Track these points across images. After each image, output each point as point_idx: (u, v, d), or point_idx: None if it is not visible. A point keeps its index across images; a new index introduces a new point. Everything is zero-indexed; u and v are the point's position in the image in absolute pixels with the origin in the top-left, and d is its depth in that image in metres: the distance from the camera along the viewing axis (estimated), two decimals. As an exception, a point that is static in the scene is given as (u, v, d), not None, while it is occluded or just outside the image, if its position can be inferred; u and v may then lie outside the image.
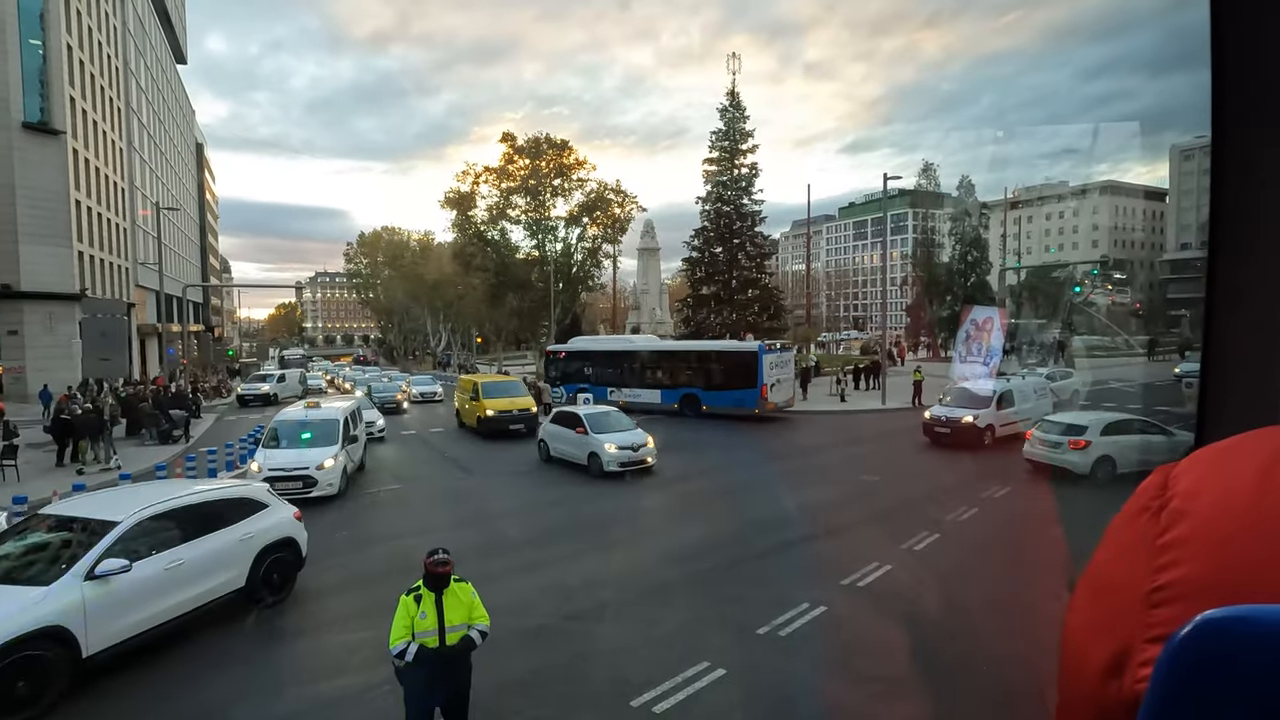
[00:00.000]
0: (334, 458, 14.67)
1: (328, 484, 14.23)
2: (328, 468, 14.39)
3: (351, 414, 17.08)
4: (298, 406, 17.78)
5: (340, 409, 16.81)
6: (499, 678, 6.83)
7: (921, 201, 61.76)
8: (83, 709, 6.47)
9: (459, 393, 25.53)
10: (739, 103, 41.62)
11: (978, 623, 8.30)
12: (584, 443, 16.84)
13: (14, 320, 35.95)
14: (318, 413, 16.49)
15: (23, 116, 36.83)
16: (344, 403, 18.53)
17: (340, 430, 15.48)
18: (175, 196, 66.69)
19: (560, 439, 17.86)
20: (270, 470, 13.90)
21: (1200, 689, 0.44)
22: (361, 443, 17.60)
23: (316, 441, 15.07)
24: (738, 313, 40.21)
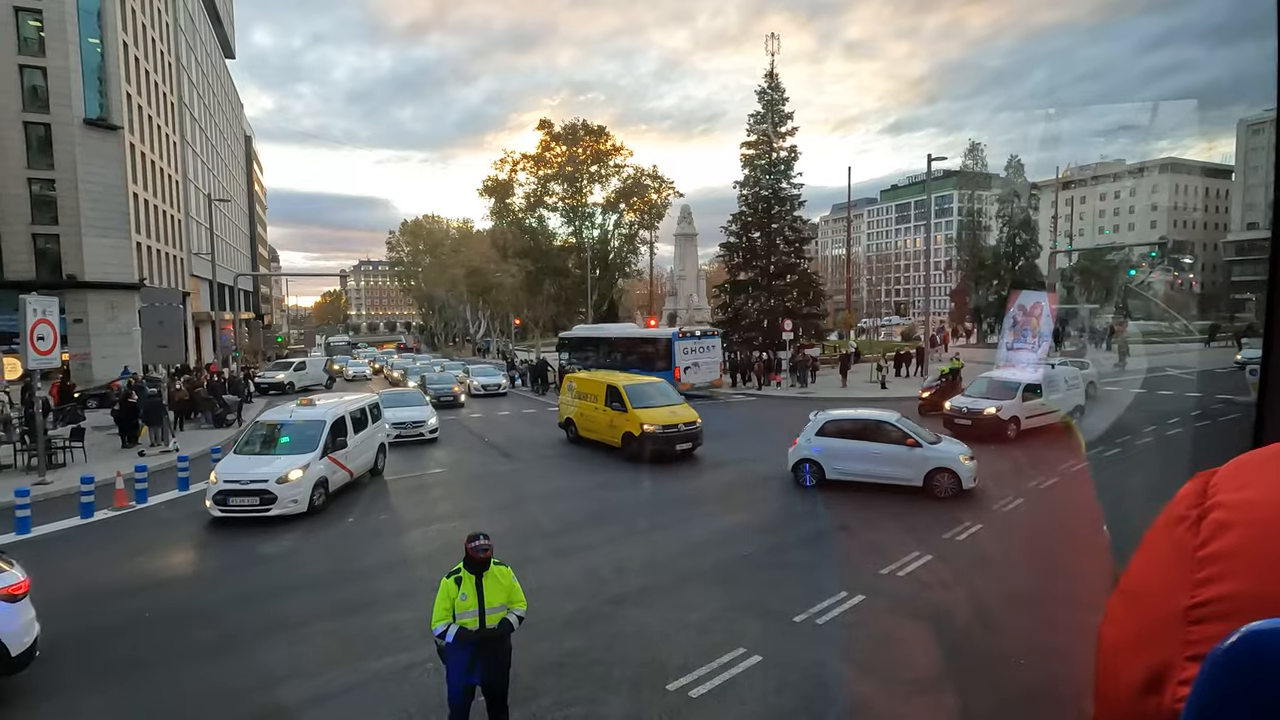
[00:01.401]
0: (302, 469, 12.37)
1: (290, 500, 11.94)
2: (292, 480, 12.10)
3: (354, 414, 14.77)
4: (291, 404, 15.55)
5: (334, 408, 14.39)
6: (538, 659, 6.99)
7: (967, 183, 59.75)
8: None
9: (570, 395, 19.44)
10: (777, 84, 40.86)
11: (1018, 616, 8.14)
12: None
13: (79, 309, 37.67)
14: (304, 412, 14.13)
15: (83, 113, 38.37)
16: (348, 399, 16.02)
17: (323, 435, 13.18)
18: (226, 188, 68.82)
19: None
20: (224, 482, 11.96)
21: (1244, 705, 0.41)
22: (373, 448, 15.47)
23: (292, 447, 12.99)
24: (776, 299, 39.72)
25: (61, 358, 17.51)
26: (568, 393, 19.72)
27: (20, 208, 37.38)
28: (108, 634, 8.10)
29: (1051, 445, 17.41)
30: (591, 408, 18.22)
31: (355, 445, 14.35)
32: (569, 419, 19.32)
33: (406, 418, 20.05)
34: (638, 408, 16.69)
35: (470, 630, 5.20)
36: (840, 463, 13.50)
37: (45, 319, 15.32)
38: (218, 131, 70.00)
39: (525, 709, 6.07)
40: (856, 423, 14.15)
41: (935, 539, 10.57)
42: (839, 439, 13.70)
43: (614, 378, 19.08)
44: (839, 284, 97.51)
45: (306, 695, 6.56)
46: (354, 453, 14.30)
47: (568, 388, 19.96)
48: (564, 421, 19.64)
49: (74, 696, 6.70)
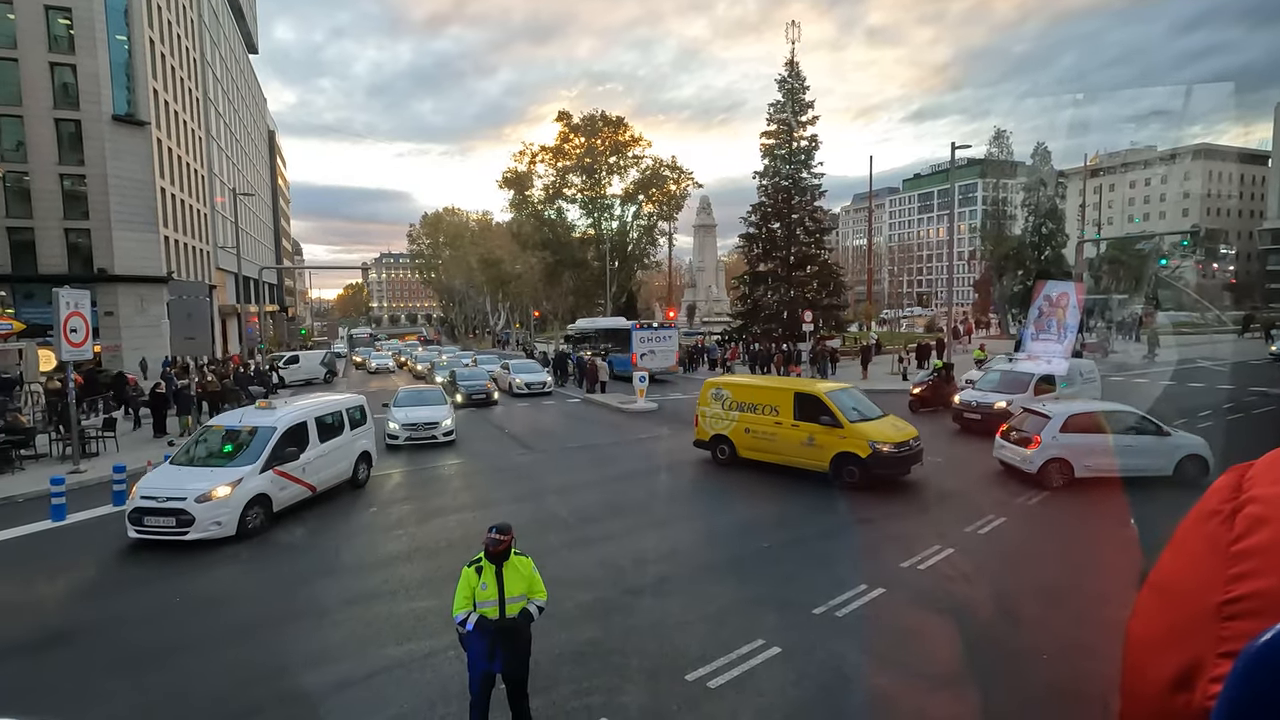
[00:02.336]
0: (231, 485, 10.81)
1: (211, 523, 10.47)
2: (217, 499, 10.60)
3: (322, 419, 13.05)
4: (250, 407, 14.04)
5: (294, 412, 12.66)
6: (557, 648, 7.05)
7: (992, 171, 58.68)
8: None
9: (720, 406, 15.37)
10: (798, 73, 40.38)
11: (1041, 610, 8.04)
12: None
13: (109, 302, 38.51)
14: (255, 417, 12.48)
15: (112, 109, 39.08)
16: (322, 400, 14.42)
17: (269, 445, 11.52)
18: (250, 182, 69.77)
19: None
20: (140, 499, 10.61)
21: (1278, 703, 0.40)
22: (349, 457, 13.79)
23: (232, 458, 11.52)
24: (796, 290, 39.43)
25: (93, 350, 17.93)
26: (715, 402, 15.42)
27: (52, 203, 38.26)
28: (136, 621, 8.31)
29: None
30: (768, 422, 14.45)
31: (319, 455, 12.61)
32: (720, 435, 15.30)
33: (418, 418, 18.34)
34: (856, 422, 13.43)
35: (490, 619, 5.26)
36: (1092, 459, 12.68)
37: (78, 311, 15.68)
38: (242, 126, 70.92)
39: (545, 697, 6.13)
40: (1100, 415, 13.34)
41: (957, 532, 10.46)
42: (1086, 434, 12.82)
43: (802, 384, 15.65)
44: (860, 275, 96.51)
45: (331, 680, 6.68)
46: (318, 464, 12.58)
47: (714, 396, 15.49)
48: (711, 439, 15.49)
49: (102, 680, 6.89)
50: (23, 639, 7.80)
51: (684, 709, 6.07)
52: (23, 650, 7.55)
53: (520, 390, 28.62)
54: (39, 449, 17.06)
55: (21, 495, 13.70)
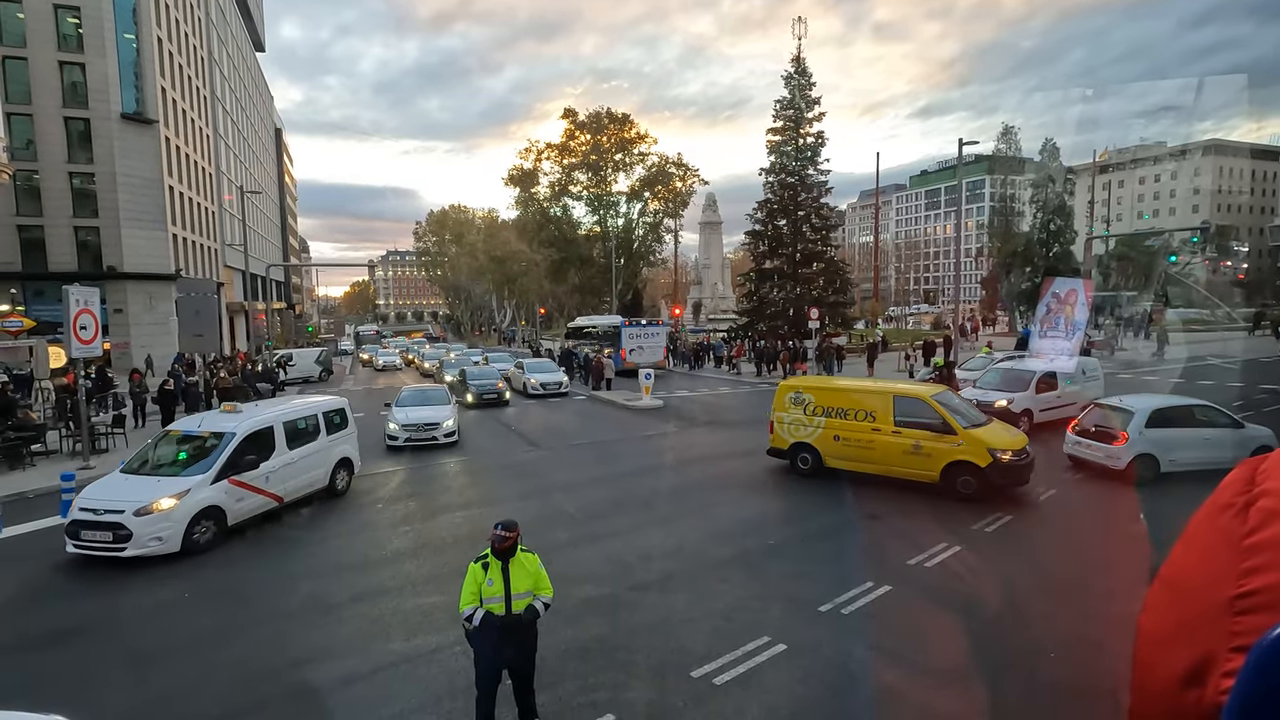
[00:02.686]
0: (176, 497, 9.99)
1: (151, 539, 9.65)
2: (159, 511, 9.76)
3: (293, 424, 12.23)
4: (214, 411, 13.39)
5: (258, 416, 11.91)
6: (563, 644, 7.06)
7: (1000, 167, 58.32)
8: (188, 656, 7.04)
9: (802, 411, 13.90)
10: (804, 69, 40.24)
11: (1050, 607, 8.01)
12: None
13: (119, 299, 38.77)
14: (215, 421, 11.77)
15: (120, 108, 39.28)
16: (295, 404, 13.63)
17: (224, 453, 10.75)
18: (257, 180, 70.03)
19: None
20: (79, 511, 9.86)
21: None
22: (324, 464, 12.91)
23: (184, 467, 10.76)
24: (802, 287, 39.35)
25: (103, 347, 18.04)
26: (794, 407, 13.95)
27: (62, 201, 38.52)
28: (146, 614, 8.37)
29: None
30: (863, 429, 13.02)
31: (288, 463, 11.80)
32: (802, 444, 13.84)
33: (418, 419, 17.80)
34: (970, 428, 12.23)
35: (496, 615, 5.28)
36: (1178, 453, 12.42)
37: (87, 309, 15.77)
38: (249, 124, 71.18)
39: (551, 693, 6.14)
40: (1181, 409, 13.16)
41: (965, 529, 10.43)
42: (1170, 429, 12.61)
43: (901, 387, 14.03)
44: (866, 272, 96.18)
45: (338, 675, 6.71)
46: (286, 472, 11.75)
47: (793, 400, 14.02)
48: (790, 448, 14.05)
49: (111, 674, 6.94)
50: (32, 633, 7.87)
51: (690, 705, 6.07)
52: (32, 644, 7.61)
53: (535, 391, 27.35)
54: (49, 445, 17.20)
55: (32, 491, 13.82)
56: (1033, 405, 17.41)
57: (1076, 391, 18.22)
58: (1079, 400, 18.04)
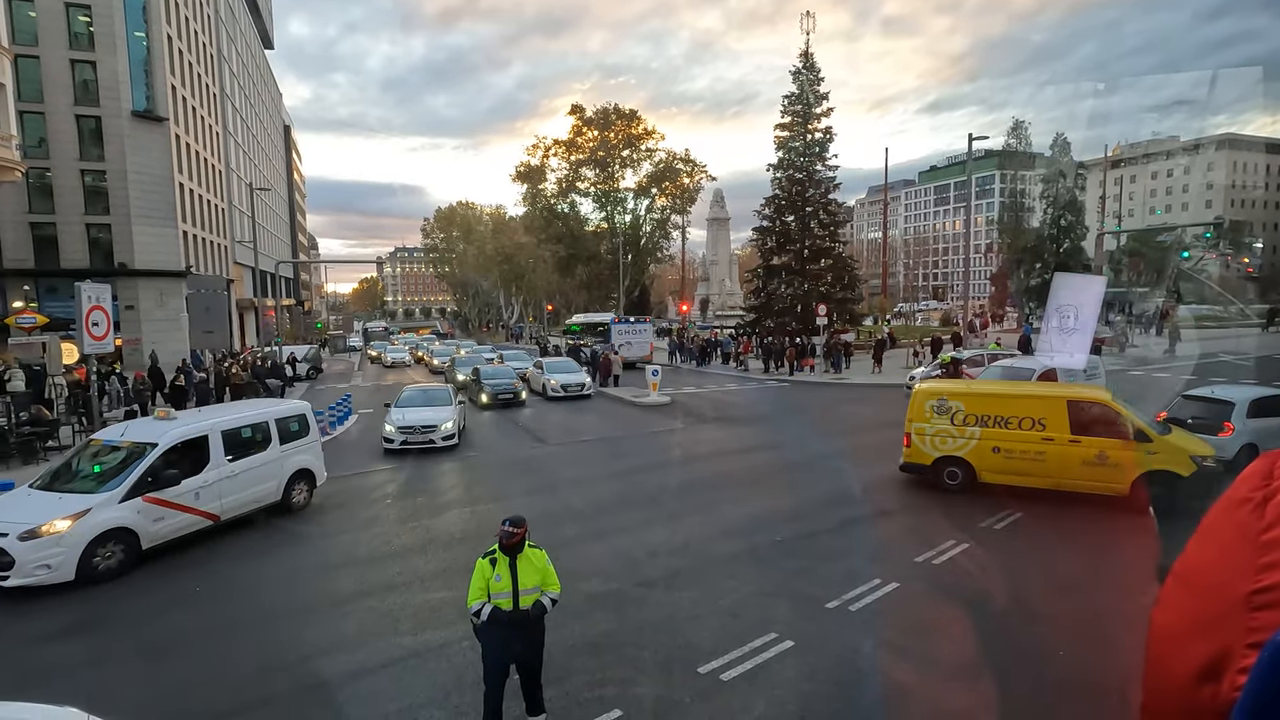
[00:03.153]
0: (72, 518, 8.96)
1: (38, 565, 8.66)
2: (47, 536, 8.76)
3: (234, 433, 11.16)
4: (148, 418, 12.23)
5: (190, 425, 10.83)
6: (571, 639, 7.09)
7: (1010, 163, 57.89)
8: (199, 650, 7.10)
9: (947, 419, 12.41)
10: (812, 64, 40.04)
11: (1059, 604, 7.97)
12: None
13: (130, 296, 39.04)
14: (139, 430, 10.71)
15: (131, 105, 39.52)
16: (240, 410, 12.76)
17: (140, 469, 9.67)
18: (266, 177, 70.38)
19: None
20: None
21: None
22: (275, 477, 11.75)
23: (95, 482, 9.73)
24: (809, 283, 39.21)
25: (115, 343, 18.19)
26: (938, 416, 12.47)
27: (74, 198, 38.81)
28: (158, 608, 8.45)
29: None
30: (1031, 439, 11.74)
31: (226, 477, 10.74)
32: (950, 458, 12.35)
33: (416, 420, 17.00)
34: (1176, 434, 11.17)
35: (504, 610, 5.30)
36: (1274, 441, 11.82)
37: (99, 305, 15.91)
38: (258, 121, 71.49)
39: (558, 688, 6.17)
40: (1275, 398, 12.83)
41: (974, 526, 10.39)
42: (1269, 418, 12.19)
43: (1072, 390, 12.81)
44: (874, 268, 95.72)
45: (348, 669, 6.76)
46: (224, 487, 10.68)
47: (936, 408, 12.51)
48: (934, 463, 12.48)
49: (124, 667, 7.02)
50: (47, 625, 7.96)
51: (697, 701, 6.08)
52: (46, 636, 7.70)
53: (555, 394, 25.60)
54: (62, 440, 17.37)
55: (46, 485, 13.94)
56: None
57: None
58: None
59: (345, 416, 22.13)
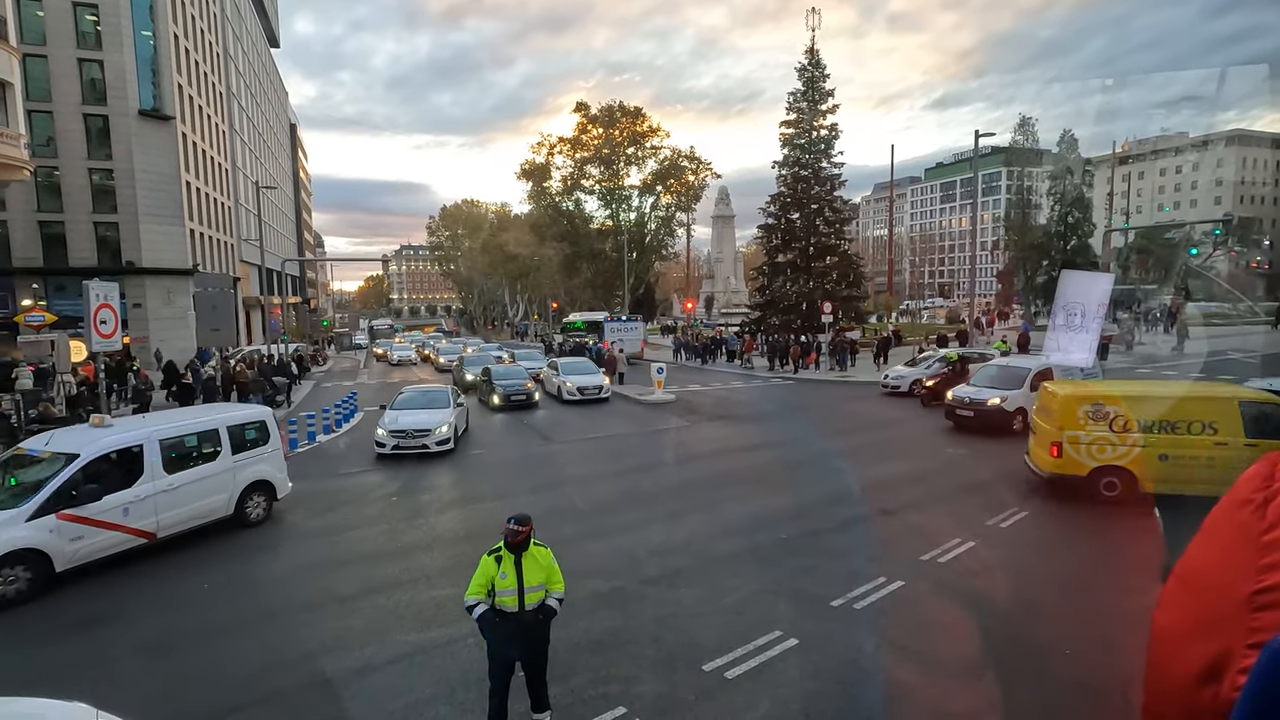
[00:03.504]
0: None
1: None
2: None
3: (174, 443, 10.32)
4: (81, 426, 11.27)
5: (119, 434, 9.92)
6: (575, 637, 7.10)
7: (1017, 159, 57.59)
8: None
9: (1107, 427, 11.42)
10: (818, 61, 39.94)
11: (1064, 604, 7.94)
12: None
13: (137, 294, 39.27)
14: (67, 439, 9.93)
15: (138, 104, 39.70)
16: (181, 417, 11.88)
17: (56, 483, 8.84)
18: (272, 175, 70.59)
19: None
20: None
21: None
22: (223, 490, 10.84)
23: (17, 497, 8.89)
24: (815, 281, 39.13)
25: (123, 341, 18.31)
26: (1094, 422, 11.52)
27: (82, 197, 39.03)
28: (164, 606, 8.51)
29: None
30: (1203, 445, 10.91)
31: (164, 490, 9.93)
32: (1108, 467, 11.40)
33: (409, 424, 16.11)
34: None
35: (510, 608, 5.32)
36: None
37: (107, 304, 15.97)
38: (264, 119, 71.69)
39: (562, 685, 6.19)
40: None
41: (979, 525, 10.36)
42: None
43: (1249, 391, 12.24)
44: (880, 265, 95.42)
45: (353, 666, 6.79)
46: (159, 501, 9.85)
47: (1091, 414, 11.54)
48: (1090, 474, 11.47)
49: (130, 663, 7.07)
50: (55, 622, 8.02)
51: (701, 699, 6.09)
52: (56, 632, 7.77)
53: (571, 396, 24.22)
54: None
55: (55, 483, 14.03)
56: (1026, 404, 16.26)
57: None
58: None
59: (351, 414, 22.24)
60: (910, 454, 15.56)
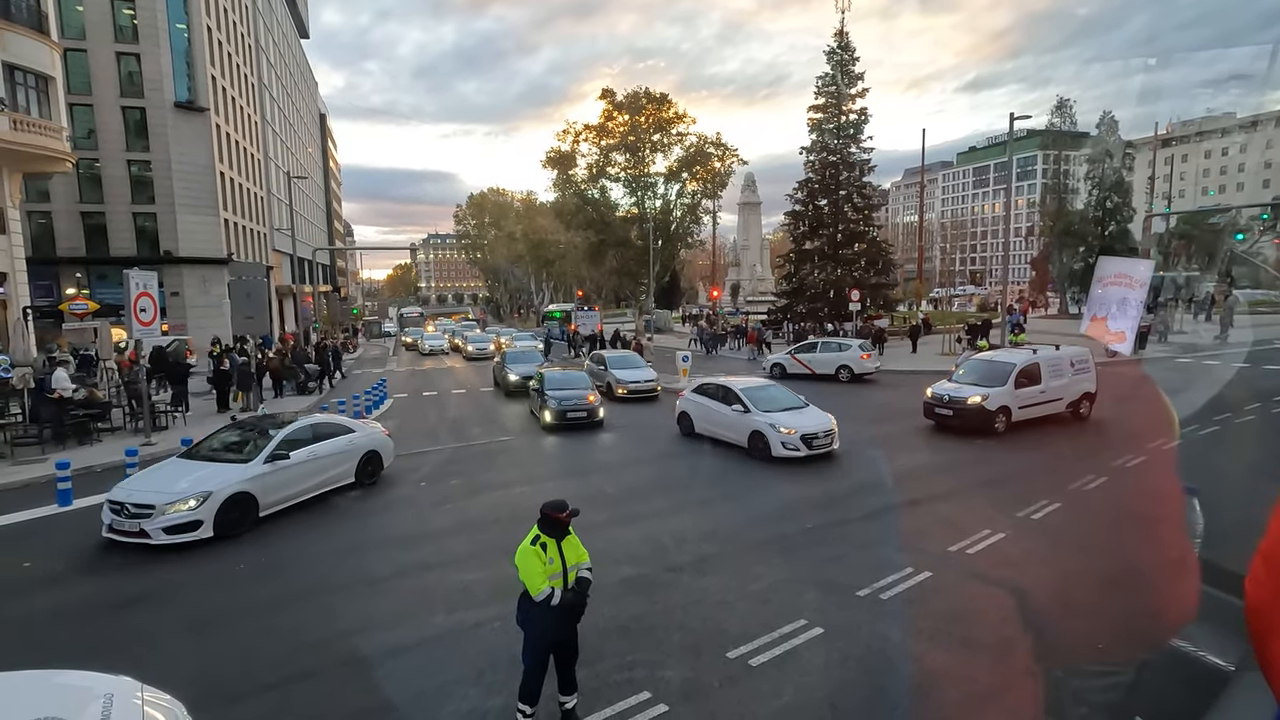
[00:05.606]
0: None
1: None
2: None
3: None
4: None
5: None
6: (602, 622, 7.17)
7: (1053, 143, 55.91)
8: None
9: None
10: (847, 43, 39.16)
11: (1096, 597, 7.79)
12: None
13: (175, 283, 40.24)
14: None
15: (174, 97, 40.51)
16: None
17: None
18: (303, 165, 71.59)
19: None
20: None
21: None
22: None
23: None
24: (842, 268, 38.61)
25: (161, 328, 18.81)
26: None
27: (121, 188, 40.05)
28: (201, 585, 8.77)
29: (1128, 422, 16.40)
30: None
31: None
32: None
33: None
34: None
35: (561, 591, 5.44)
36: None
37: (146, 292, 16.43)
38: (295, 110, 72.66)
39: (589, 669, 6.25)
40: None
41: (1009, 516, 10.20)
42: None
43: None
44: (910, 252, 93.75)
45: (384, 647, 6.95)
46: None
47: None
48: None
49: (168, 641, 7.31)
50: (100, 599, 8.33)
51: (725, 685, 6.12)
52: (100, 609, 8.07)
53: (627, 393, 22.14)
54: (114, 422, 18.07)
55: (100, 465, 14.55)
56: (1010, 402, 15.64)
57: (1064, 385, 16.42)
58: (1065, 396, 16.42)
59: (380, 401, 22.68)
60: (938, 445, 15.33)
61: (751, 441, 14.38)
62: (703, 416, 16.04)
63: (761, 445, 14.10)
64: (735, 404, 15.06)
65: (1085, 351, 17.26)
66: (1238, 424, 15.73)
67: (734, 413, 14.99)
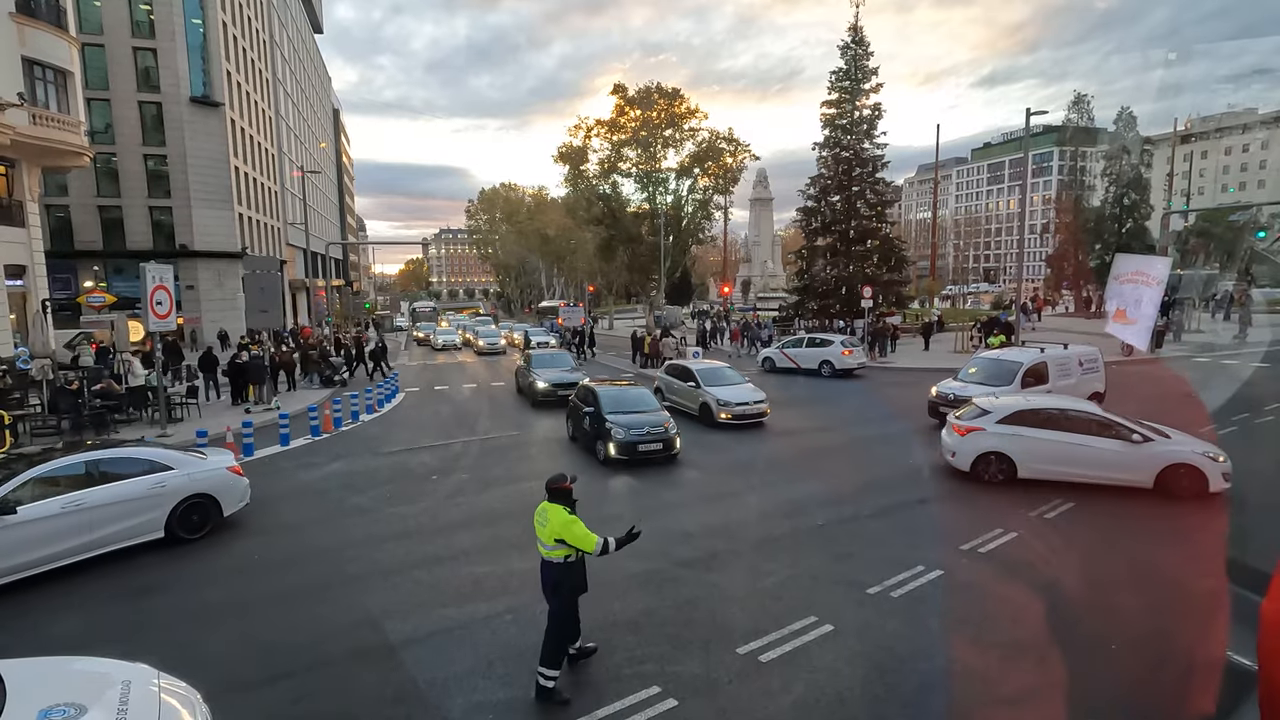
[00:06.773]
0: None
1: None
2: None
3: None
4: None
5: None
6: (611, 617, 7.19)
7: (1070, 138, 55.18)
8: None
9: None
10: (861, 38, 38.83)
11: (1111, 597, 7.72)
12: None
13: (190, 276, 40.67)
14: None
15: (189, 92, 40.84)
16: None
17: None
18: (316, 160, 72.02)
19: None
20: None
21: None
22: None
23: None
24: (855, 265, 38.37)
25: (177, 321, 19.02)
26: None
27: (138, 182, 40.48)
28: (218, 575, 8.87)
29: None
30: None
31: None
32: None
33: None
34: None
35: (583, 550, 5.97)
36: None
37: (162, 285, 16.60)
38: (308, 105, 73.06)
39: (599, 664, 6.28)
40: None
41: (1021, 516, 10.13)
42: None
43: None
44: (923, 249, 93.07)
45: (398, 638, 7.01)
46: None
47: None
48: None
49: (186, 630, 7.41)
50: (117, 588, 8.45)
51: (735, 681, 6.12)
52: (118, 598, 8.18)
53: (729, 419, 16.96)
54: (131, 414, 18.29)
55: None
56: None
57: (1073, 385, 15.98)
58: (1076, 394, 15.60)
59: (393, 395, 22.80)
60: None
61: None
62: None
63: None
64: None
65: (1094, 351, 17.03)
66: (1257, 424, 15.53)
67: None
